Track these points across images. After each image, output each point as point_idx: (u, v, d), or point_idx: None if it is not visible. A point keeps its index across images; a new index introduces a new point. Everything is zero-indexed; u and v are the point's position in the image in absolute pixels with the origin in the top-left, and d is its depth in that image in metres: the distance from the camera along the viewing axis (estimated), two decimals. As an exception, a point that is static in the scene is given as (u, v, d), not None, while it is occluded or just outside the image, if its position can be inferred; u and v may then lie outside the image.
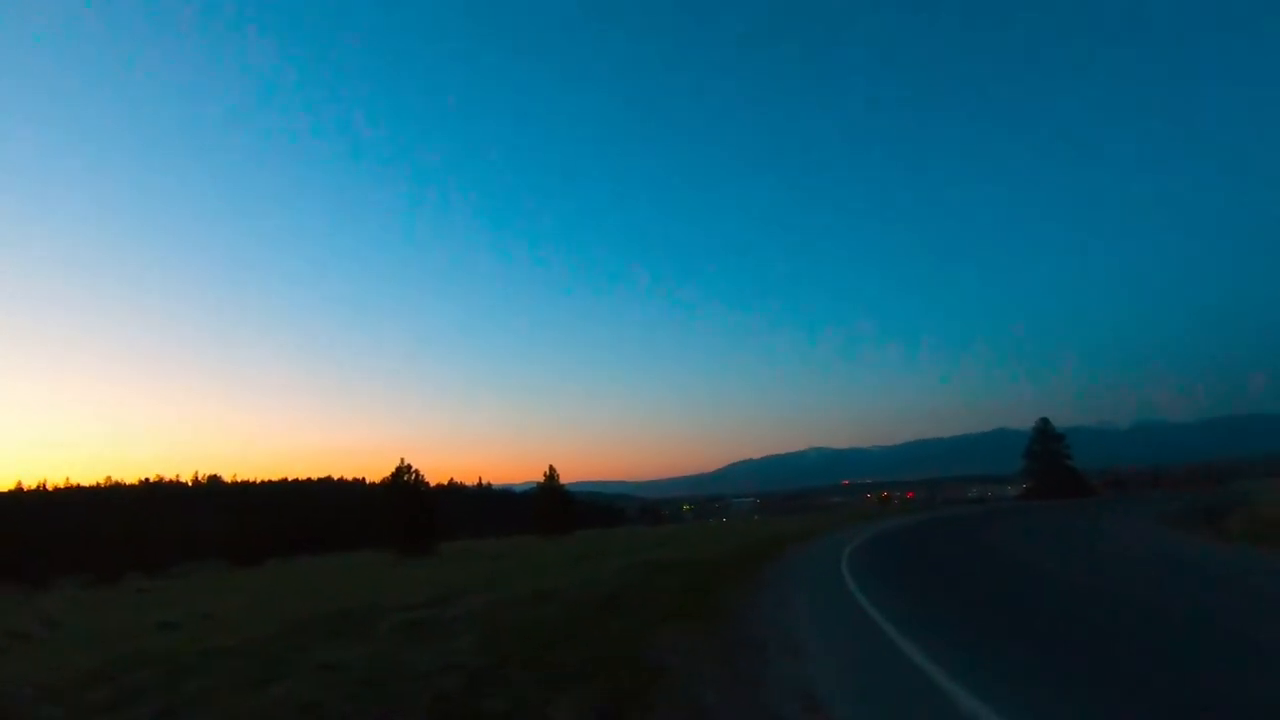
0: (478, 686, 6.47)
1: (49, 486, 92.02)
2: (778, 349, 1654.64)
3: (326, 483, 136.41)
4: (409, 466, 33.70)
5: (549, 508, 42.25)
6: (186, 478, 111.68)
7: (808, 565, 15.23)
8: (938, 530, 25.49)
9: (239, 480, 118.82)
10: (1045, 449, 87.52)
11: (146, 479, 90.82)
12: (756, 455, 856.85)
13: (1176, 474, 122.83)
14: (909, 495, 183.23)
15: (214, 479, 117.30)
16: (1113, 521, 24.93)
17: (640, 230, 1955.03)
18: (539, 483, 44.86)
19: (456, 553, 33.48)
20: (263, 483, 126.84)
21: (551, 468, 43.11)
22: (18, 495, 78.34)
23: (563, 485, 44.36)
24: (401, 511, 32.33)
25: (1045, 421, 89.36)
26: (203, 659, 9.32)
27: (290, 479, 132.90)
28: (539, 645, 7.95)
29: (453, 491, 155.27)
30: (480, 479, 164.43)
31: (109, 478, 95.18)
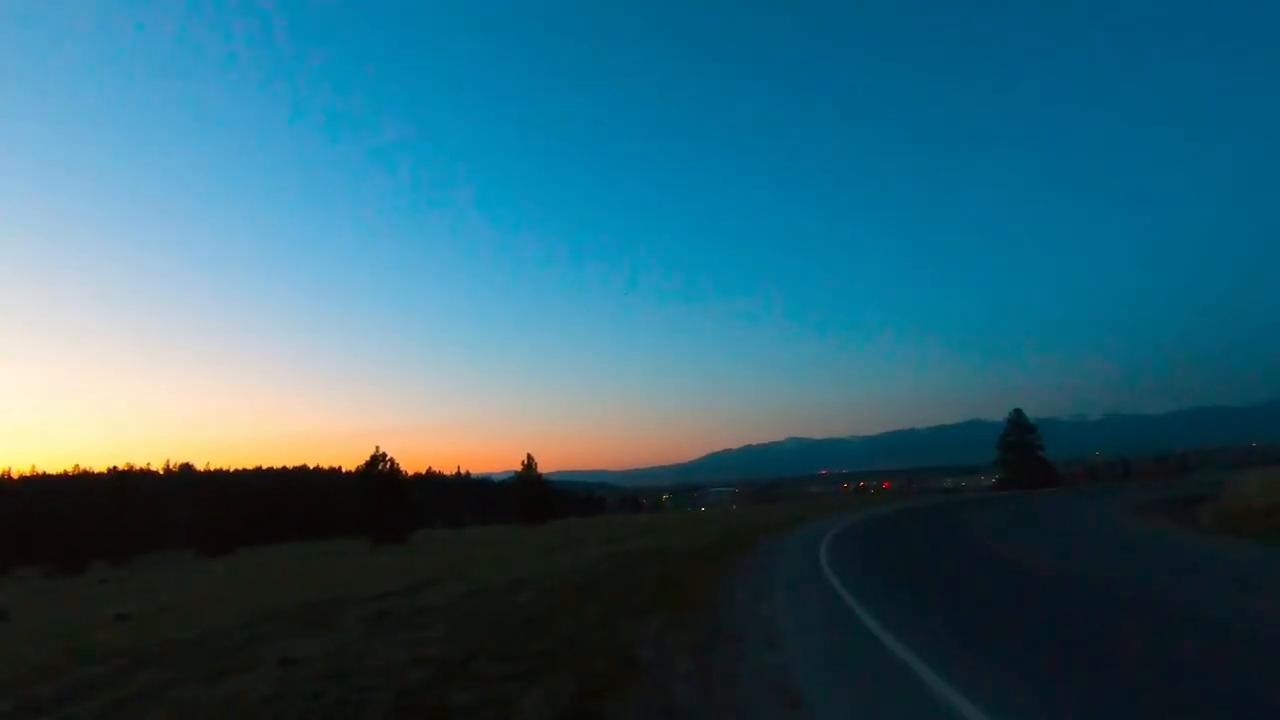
0: (445, 680, 6.21)
1: (14, 475, 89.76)
2: (757, 341, 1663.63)
3: (303, 471, 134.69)
4: (384, 455, 33.19)
5: (527, 497, 41.94)
6: (159, 466, 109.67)
7: (786, 555, 15.06)
8: (915, 520, 25.59)
9: (213, 468, 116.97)
10: (1018, 440, 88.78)
11: (116, 467, 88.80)
12: (735, 445, 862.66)
13: (1145, 465, 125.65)
14: (885, 485, 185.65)
15: (186, 467, 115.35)
16: (1086, 512, 25.22)
17: (623, 222, 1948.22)
18: (518, 472, 44.47)
19: (431, 541, 33.12)
20: (238, 471, 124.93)
21: (529, 456, 42.81)
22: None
23: (541, 474, 44.08)
24: (375, 500, 31.85)
25: (1019, 413, 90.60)
26: (159, 651, 8.95)
27: (267, 467, 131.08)
28: (509, 637, 7.71)
29: (431, 480, 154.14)
30: (459, 468, 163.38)
31: (76, 466, 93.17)
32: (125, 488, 63.98)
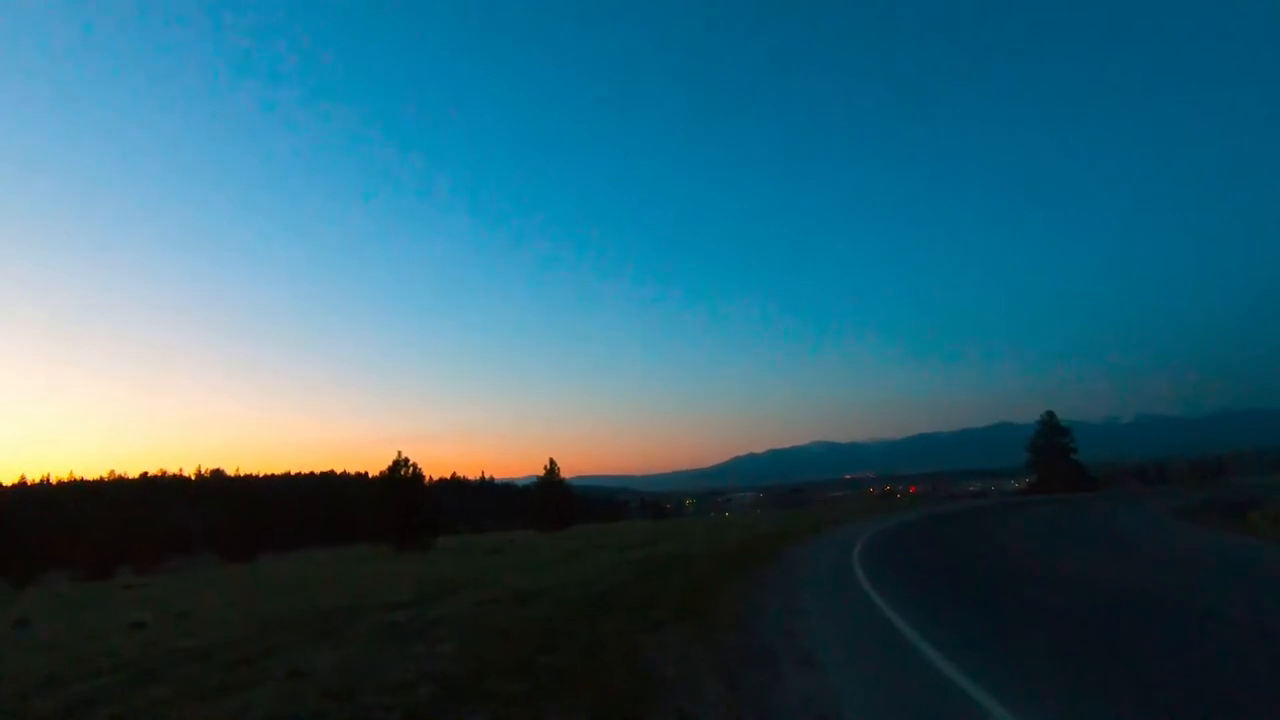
0: (454, 699, 5.81)
1: (51, 481, 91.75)
2: (781, 343, 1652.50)
3: (329, 477, 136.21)
4: (406, 460, 33.09)
5: (548, 502, 41.63)
6: (189, 472, 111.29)
7: (817, 564, 14.32)
8: (950, 527, 24.64)
9: (241, 474, 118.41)
10: (1050, 443, 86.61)
11: (146, 473, 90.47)
12: (760, 449, 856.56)
13: (1179, 468, 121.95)
14: (912, 490, 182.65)
15: (217, 473, 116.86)
16: (1132, 517, 24.19)
17: (646, 226, 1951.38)
18: (540, 477, 44.22)
19: (453, 547, 32.93)
20: (265, 477, 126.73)
21: (551, 461, 42.53)
22: (18, 490, 77.98)
23: (563, 479, 43.75)
24: (397, 506, 31.73)
25: (1050, 415, 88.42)
26: (168, 662, 8.68)
27: (295, 473, 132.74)
28: (524, 652, 7.30)
29: (455, 485, 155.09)
30: (483, 473, 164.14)
31: (111, 471, 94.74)
32: (155, 494, 65.06)
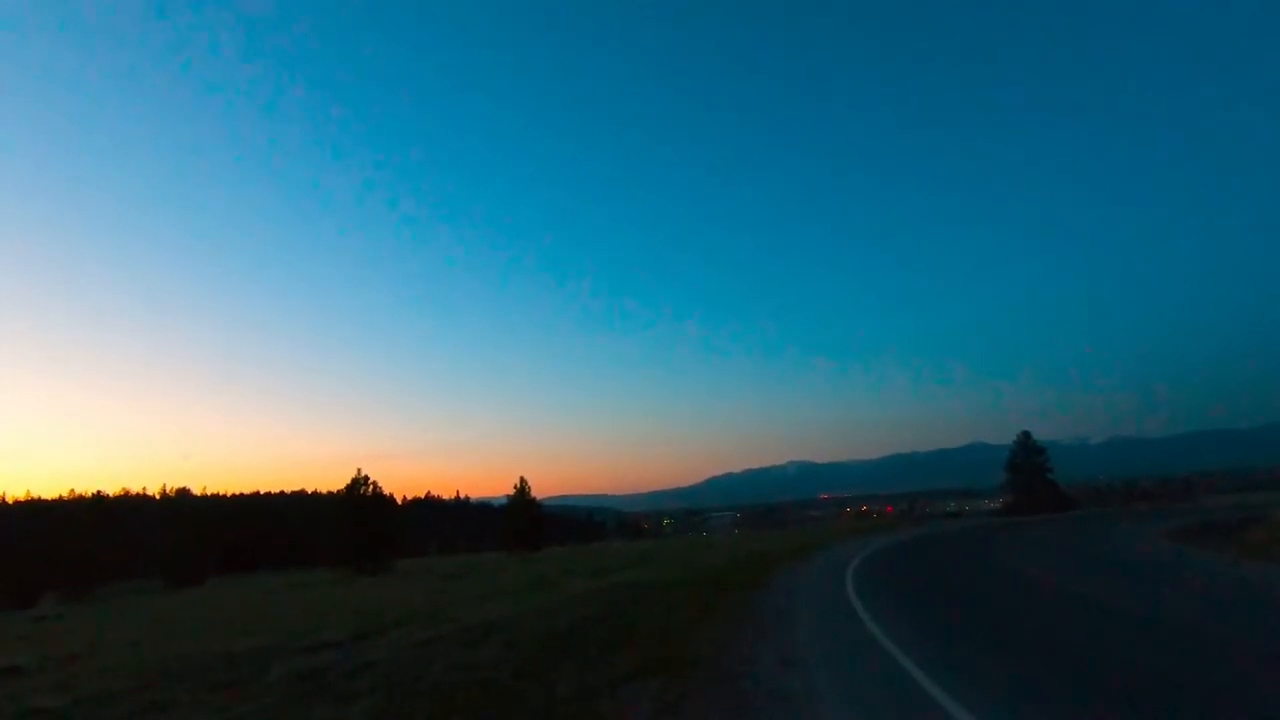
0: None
1: (6, 499, 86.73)
2: (759, 363, 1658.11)
3: (299, 496, 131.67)
4: (365, 478, 31.13)
5: (518, 522, 39.68)
6: (155, 491, 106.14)
7: (809, 596, 12.72)
8: (942, 549, 23.24)
9: (208, 493, 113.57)
10: (1026, 462, 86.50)
11: (100, 493, 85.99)
12: (737, 469, 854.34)
13: (1148, 487, 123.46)
14: (888, 510, 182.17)
15: (183, 492, 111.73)
16: (1126, 538, 23.17)
17: (624, 246, 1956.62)
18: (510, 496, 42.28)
19: (415, 570, 30.92)
20: (233, 496, 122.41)
21: (522, 479, 40.57)
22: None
23: (534, 498, 41.84)
24: (355, 526, 29.72)
25: (1026, 435, 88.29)
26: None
27: (263, 492, 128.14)
28: (454, 716, 5.77)
29: (429, 505, 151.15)
30: (458, 492, 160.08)
31: (71, 490, 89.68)
32: (107, 514, 61.66)
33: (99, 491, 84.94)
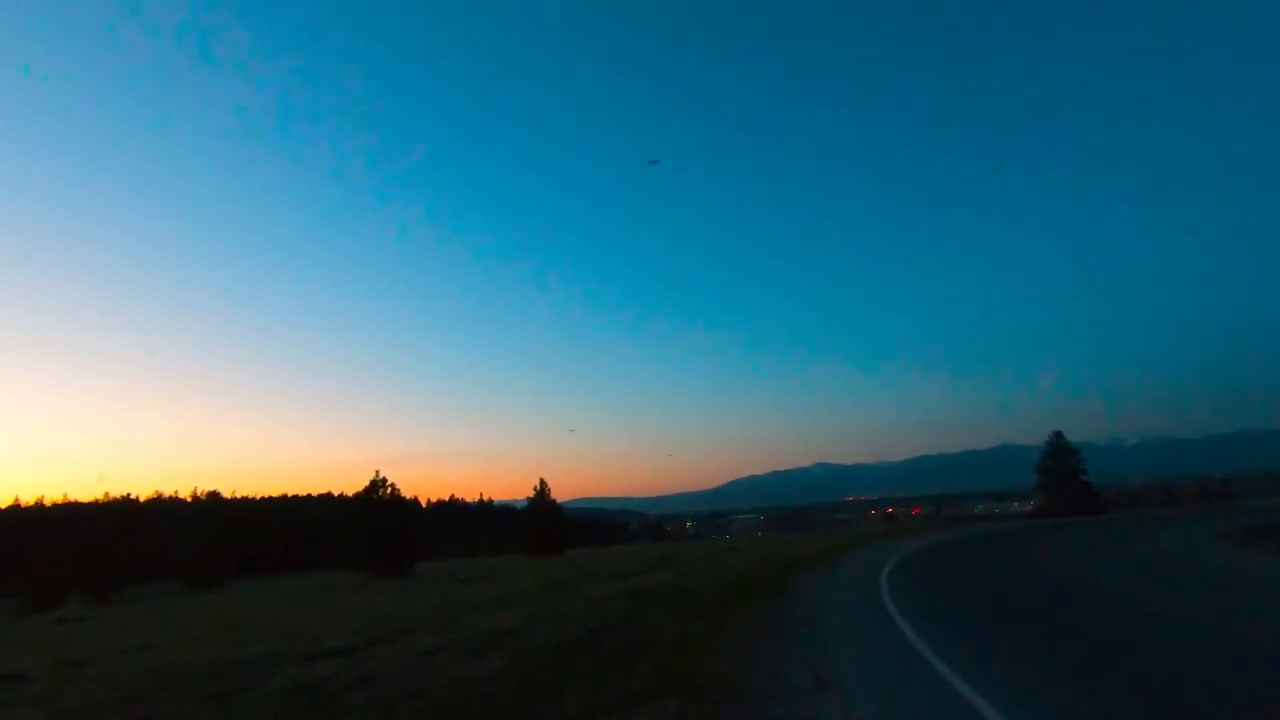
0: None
1: (45, 503, 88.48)
2: (782, 365, 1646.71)
3: (325, 499, 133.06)
4: (383, 480, 30.89)
5: (538, 525, 39.22)
6: (186, 494, 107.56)
7: (841, 606, 11.73)
8: (980, 554, 21.90)
9: (238, 496, 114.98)
10: (1059, 464, 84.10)
11: (129, 495, 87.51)
12: (761, 471, 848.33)
13: (1186, 490, 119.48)
14: (915, 512, 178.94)
15: (213, 495, 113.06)
16: (1177, 542, 21.93)
17: (649, 252, 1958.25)
18: (530, 498, 41.87)
19: (434, 574, 30.57)
20: (261, 499, 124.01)
21: (542, 482, 40.12)
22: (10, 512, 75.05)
23: (554, 501, 41.39)
24: (373, 530, 29.45)
25: (1059, 435, 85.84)
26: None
27: (290, 495, 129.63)
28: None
29: (453, 507, 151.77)
30: (481, 495, 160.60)
31: (107, 494, 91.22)
32: (138, 517, 62.55)
33: (128, 495, 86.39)
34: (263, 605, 21.05)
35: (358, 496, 30.85)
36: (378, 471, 30.83)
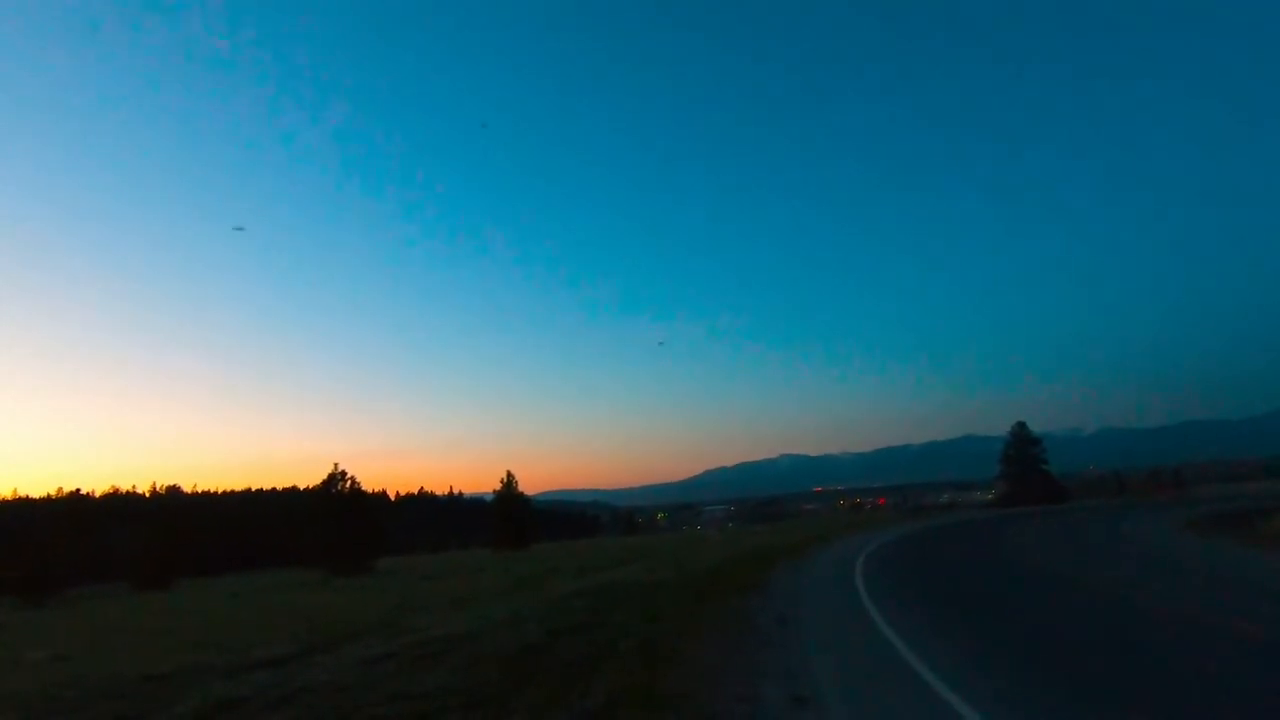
0: None
1: None
2: (752, 357, 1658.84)
3: (291, 493, 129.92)
4: (343, 473, 29.70)
5: (504, 518, 38.30)
6: (144, 489, 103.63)
7: (818, 603, 11.06)
8: (955, 546, 21.44)
9: (200, 491, 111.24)
10: (1021, 453, 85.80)
11: (79, 491, 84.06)
12: (730, 462, 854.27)
13: (1139, 478, 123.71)
14: (880, 502, 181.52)
15: (174, 490, 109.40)
16: (1150, 529, 22.03)
17: (615, 242, 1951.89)
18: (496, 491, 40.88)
19: (397, 570, 29.52)
20: (223, 494, 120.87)
21: (509, 474, 39.20)
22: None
23: (522, 493, 40.49)
24: (331, 525, 28.28)
25: (1022, 425, 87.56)
26: None
27: (254, 489, 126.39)
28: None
29: (422, 501, 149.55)
30: (451, 488, 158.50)
31: (60, 489, 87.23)
32: (78, 513, 59.86)
33: (77, 490, 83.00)
34: (206, 607, 19.89)
35: (315, 490, 29.61)
36: (336, 464, 29.65)
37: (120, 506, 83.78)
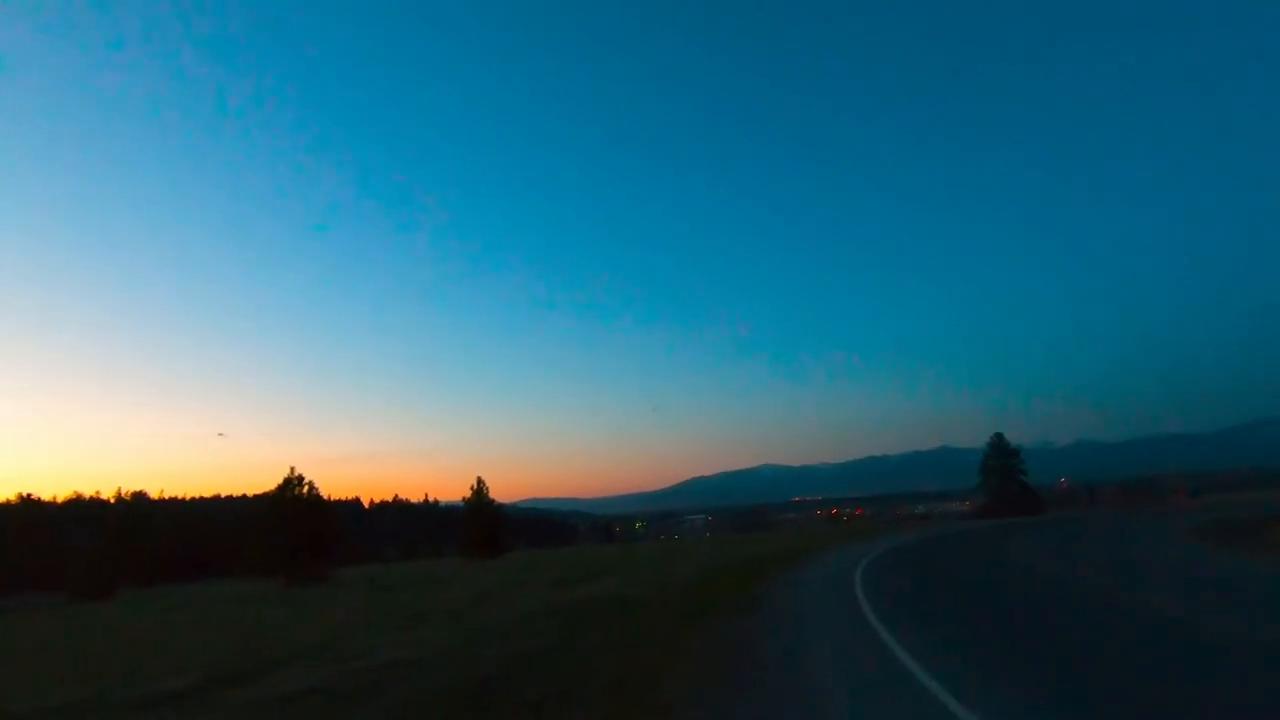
0: None
1: None
2: (733, 367, 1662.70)
3: (250, 500, 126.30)
4: (299, 478, 27.90)
5: (476, 526, 36.63)
6: (108, 494, 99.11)
7: (817, 624, 9.49)
8: (954, 559, 19.44)
9: (165, 497, 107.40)
10: (1000, 464, 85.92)
11: (31, 495, 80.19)
12: (710, 472, 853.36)
13: (1110, 491, 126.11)
14: (858, 512, 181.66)
15: (139, 495, 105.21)
16: (1159, 542, 21.10)
17: (593, 249, 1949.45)
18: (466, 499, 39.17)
19: (357, 581, 27.75)
20: (190, 500, 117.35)
21: (479, 480, 37.52)
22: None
23: (494, 501, 38.86)
24: (286, 532, 26.51)
25: (1000, 437, 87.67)
26: None
27: (224, 495, 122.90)
28: None
29: (397, 508, 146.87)
30: (426, 495, 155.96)
31: (20, 494, 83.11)
32: (30, 520, 56.83)
33: (29, 494, 79.38)
34: (139, 623, 18.11)
35: (268, 497, 27.79)
36: (292, 469, 27.85)
37: (80, 512, 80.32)
